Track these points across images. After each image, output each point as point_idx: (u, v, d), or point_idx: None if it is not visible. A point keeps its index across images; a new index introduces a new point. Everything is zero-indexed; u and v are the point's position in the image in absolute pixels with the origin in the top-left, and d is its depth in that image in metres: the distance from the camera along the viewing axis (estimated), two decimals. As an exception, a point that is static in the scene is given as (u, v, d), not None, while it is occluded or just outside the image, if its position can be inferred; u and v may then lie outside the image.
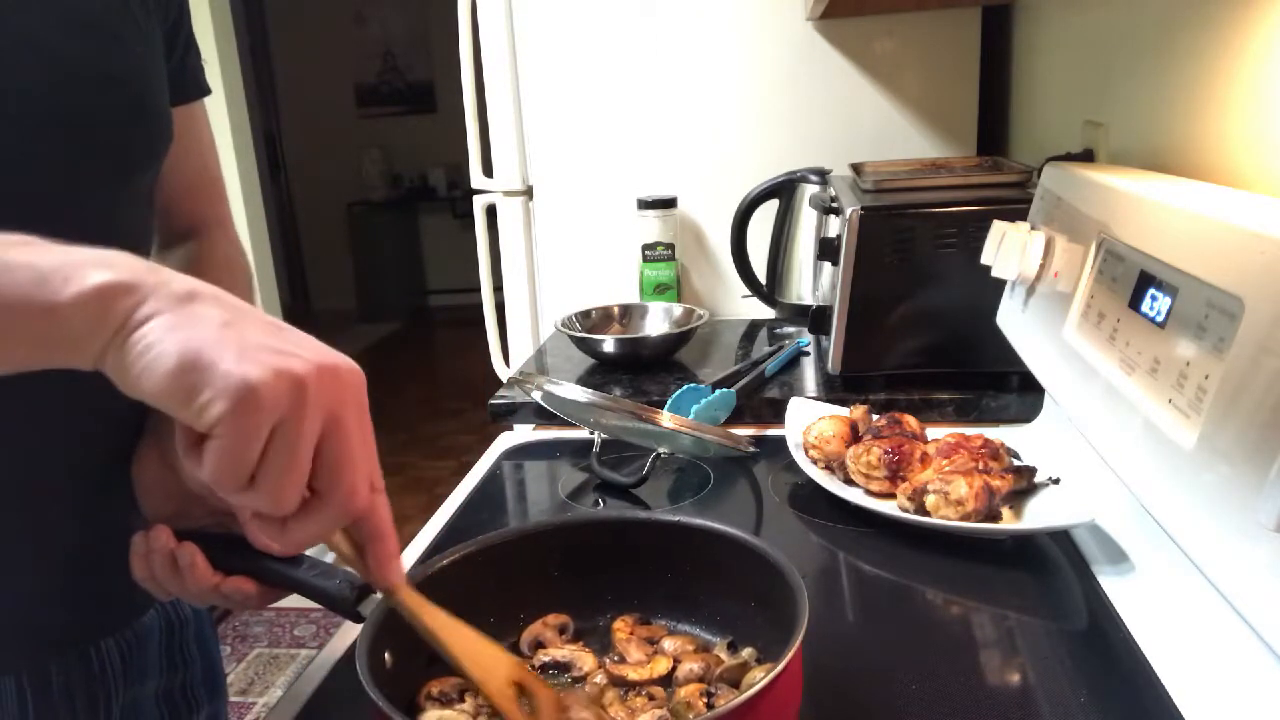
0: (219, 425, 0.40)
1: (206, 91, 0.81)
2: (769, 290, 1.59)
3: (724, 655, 0.63)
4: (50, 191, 0.63)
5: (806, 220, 1.52)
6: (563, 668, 0.63)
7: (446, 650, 0.53)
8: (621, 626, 0.67)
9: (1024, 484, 0.87)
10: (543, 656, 0.64)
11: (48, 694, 0.71)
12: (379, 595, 0.59)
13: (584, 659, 0.64)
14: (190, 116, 0.78)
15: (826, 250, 1.21)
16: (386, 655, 0.57)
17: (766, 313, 1.63)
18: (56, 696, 0.71)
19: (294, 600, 0.61)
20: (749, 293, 1.60)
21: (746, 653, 0.62)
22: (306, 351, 0.43)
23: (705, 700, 0.58)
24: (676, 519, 0.69)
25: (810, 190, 1.49)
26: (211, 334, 0.41)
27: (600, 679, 0.62)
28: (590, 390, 0.98)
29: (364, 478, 0.45)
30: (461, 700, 0.60)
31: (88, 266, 0.43)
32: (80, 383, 0.67)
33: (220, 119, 2.77)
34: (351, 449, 0.44)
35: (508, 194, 1.77)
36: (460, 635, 0.54)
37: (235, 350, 0.41)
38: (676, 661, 0.63)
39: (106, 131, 0.65)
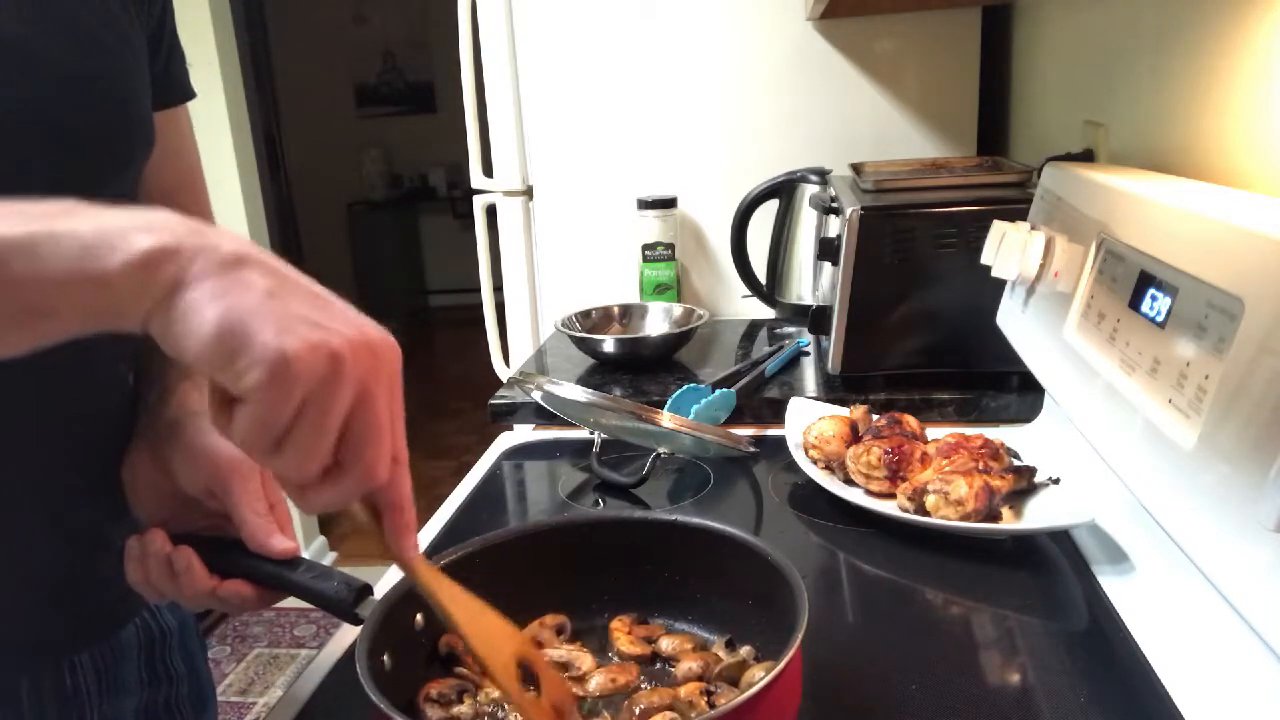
0: (253, 392, 0.41)
1: (190, 95, 0.79)
2: (769, 290, 1.59)
3: (722, 653, 0.63)
4: (25, 194, 0.62)
5: (806, 220, 1.52)
6: (561, 668, 0.63)
7: (454, 625, 0.53)
8: (619, 626, 0.67)
9: (1024, 484, 0.87)
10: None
11: (17, 710, 0.69)
12: (376, 597, 0.59)
13: (582, 659, 0.63)
14: (174, 120, 0.77)
15: (826, 250, 1.21)
16: (386, 656, 0.57)
17: (766, 313, 1.63)
18: (27, 713, 0.69)
19: (294, 600, 0.61)
20: (749, 293, 1.60)
21: (745, 651, 0.62)
22: (345, 326, 0.44)
23: (706, 699, 0.58)
24: (676, 519, 0.68)
25: (810, 190, 1.49)
26: (254, 303, 0.42)
27: (600, 679, 0.62)
28: (590, 390, 0.98)
29: (386, 452, 0.46)
30: (460, 701, 0.60)
31: (131, 233, 0.43)
32: (52, 393, 0.67)
33: (220, 119, 2.76)
34: (378, 424, 0.45)
35: (508, 194, 1.77)
36: (470, 610, 0.54)
37: (276, 322, 0.42)
38: (675, 661, 0.63)
39: (84, 134, 0.64)
